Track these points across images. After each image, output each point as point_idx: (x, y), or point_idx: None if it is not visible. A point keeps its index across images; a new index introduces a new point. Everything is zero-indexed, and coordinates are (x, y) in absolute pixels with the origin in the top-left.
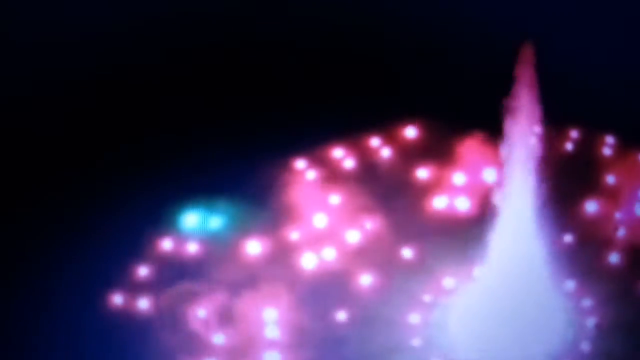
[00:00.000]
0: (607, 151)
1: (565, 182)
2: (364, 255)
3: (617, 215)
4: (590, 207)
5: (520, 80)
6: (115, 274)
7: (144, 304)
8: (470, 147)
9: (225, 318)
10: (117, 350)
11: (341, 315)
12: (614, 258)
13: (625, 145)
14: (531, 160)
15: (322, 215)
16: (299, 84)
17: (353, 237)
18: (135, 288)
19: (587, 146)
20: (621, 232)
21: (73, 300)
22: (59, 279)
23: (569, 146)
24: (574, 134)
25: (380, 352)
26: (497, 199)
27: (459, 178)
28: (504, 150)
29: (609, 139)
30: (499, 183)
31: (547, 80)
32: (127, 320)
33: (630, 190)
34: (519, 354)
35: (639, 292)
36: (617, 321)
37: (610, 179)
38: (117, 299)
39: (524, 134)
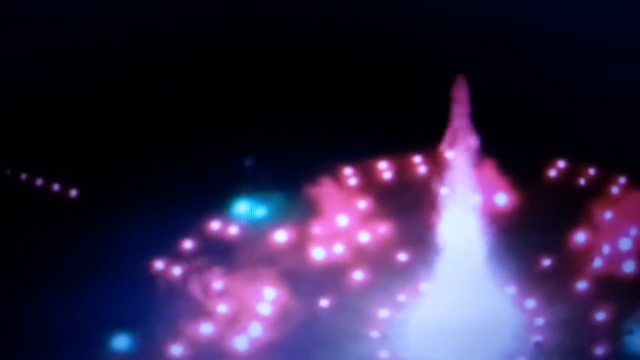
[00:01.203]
0: (614, 189)
1: (557, 212)
2: (366, 254)
3: (602, 247)
4: (579, 237)
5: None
6: (166, 244)
7: (177, 271)
8: (487, 172)
9: (233, 292)
10: (145, 304)
11: (324, 302)
12: (581, 285)
13: (631, 185)
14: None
15: (344, 217)
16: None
17: (363, 238)
18: (177, 258)
19: (597, 182)
20: (598, 263)
21: (129, 261)
22: (123, 245)
23: (581, 181)
24: (590, 170)
25: (342, 337)
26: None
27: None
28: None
29: (620, 179)
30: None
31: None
32: (162, 282)
33: (619, 225)
34: None
35: (590, 320)
36: (560, 345)
37: (605, 214)
38: (158, 265)
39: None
